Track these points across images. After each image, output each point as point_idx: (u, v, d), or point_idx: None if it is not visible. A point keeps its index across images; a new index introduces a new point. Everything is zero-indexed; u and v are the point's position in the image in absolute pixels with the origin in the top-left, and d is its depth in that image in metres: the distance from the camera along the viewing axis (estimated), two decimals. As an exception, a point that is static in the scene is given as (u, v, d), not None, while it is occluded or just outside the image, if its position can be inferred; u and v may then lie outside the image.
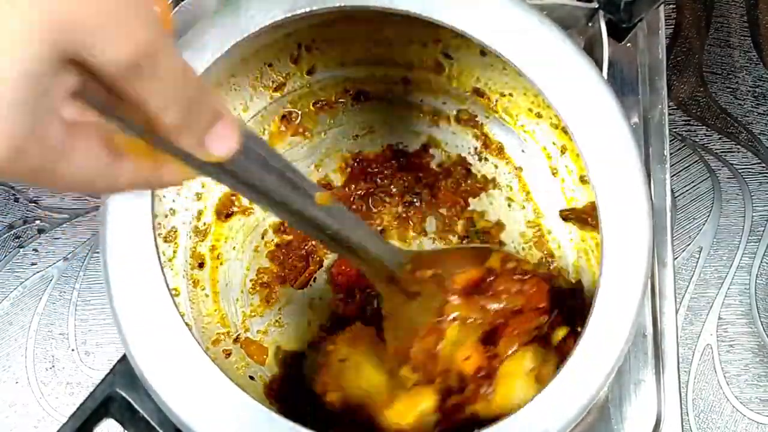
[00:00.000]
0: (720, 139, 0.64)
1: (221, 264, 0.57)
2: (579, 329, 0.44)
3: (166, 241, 0.53)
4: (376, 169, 0.60)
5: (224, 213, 0.57)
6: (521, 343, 0.47)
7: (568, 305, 0.50)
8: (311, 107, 0.59)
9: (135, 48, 0.23)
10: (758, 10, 0.67)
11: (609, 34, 0.52)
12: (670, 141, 0.59)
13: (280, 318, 0.59)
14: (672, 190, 0.61)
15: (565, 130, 0.51)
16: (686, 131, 0.64)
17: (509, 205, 0.59)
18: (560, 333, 0.48)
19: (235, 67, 0.52)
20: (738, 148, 0.64)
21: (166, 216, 0.53)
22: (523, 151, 0.58)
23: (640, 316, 0.54)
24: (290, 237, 0.59)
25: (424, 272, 0.49)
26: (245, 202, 0.58)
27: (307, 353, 0.57)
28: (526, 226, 0.58)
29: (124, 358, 0.42)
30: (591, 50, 0.53)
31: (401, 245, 0.59)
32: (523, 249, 0.58)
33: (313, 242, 0.59)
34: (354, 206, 0.59)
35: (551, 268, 0.57)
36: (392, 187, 0.60)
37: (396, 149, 0.60)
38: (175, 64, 0.25)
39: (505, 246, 0.58)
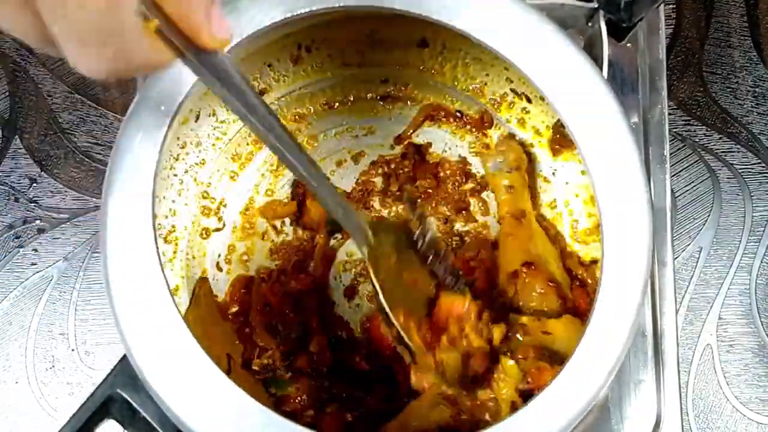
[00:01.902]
0: (720, 139, 0.64)
1: (221, 264, 0.57)
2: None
3: (166, 242, 0.53)
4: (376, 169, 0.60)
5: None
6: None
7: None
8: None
9: None
10: (758, 10, 0.67)
11: (609, 34, 0.52)
12: (670, 141, 0.59)
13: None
14: (672, 190, 0.61)
15: (564, 131, 0.51)
16: (686, 131, 0.64)
17: (509, 205, 0.59)
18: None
19: (234, 68, 0.52)
20: (738, 148, 0.64)
21: (166, 216, 0.53)
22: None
23: (640, 316, 0.54)
24: (289, 237, 0.59)
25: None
26: (244, 205, 0.58)
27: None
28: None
29: (124, 358, 0.42)
30: (591, 50, 0.53)
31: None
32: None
33: (315, 242, 0.58)
34: (354, 206, 0.59)
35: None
36: (392, 186, 0.59)
37: (396, 149, 0.60)
38: None
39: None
